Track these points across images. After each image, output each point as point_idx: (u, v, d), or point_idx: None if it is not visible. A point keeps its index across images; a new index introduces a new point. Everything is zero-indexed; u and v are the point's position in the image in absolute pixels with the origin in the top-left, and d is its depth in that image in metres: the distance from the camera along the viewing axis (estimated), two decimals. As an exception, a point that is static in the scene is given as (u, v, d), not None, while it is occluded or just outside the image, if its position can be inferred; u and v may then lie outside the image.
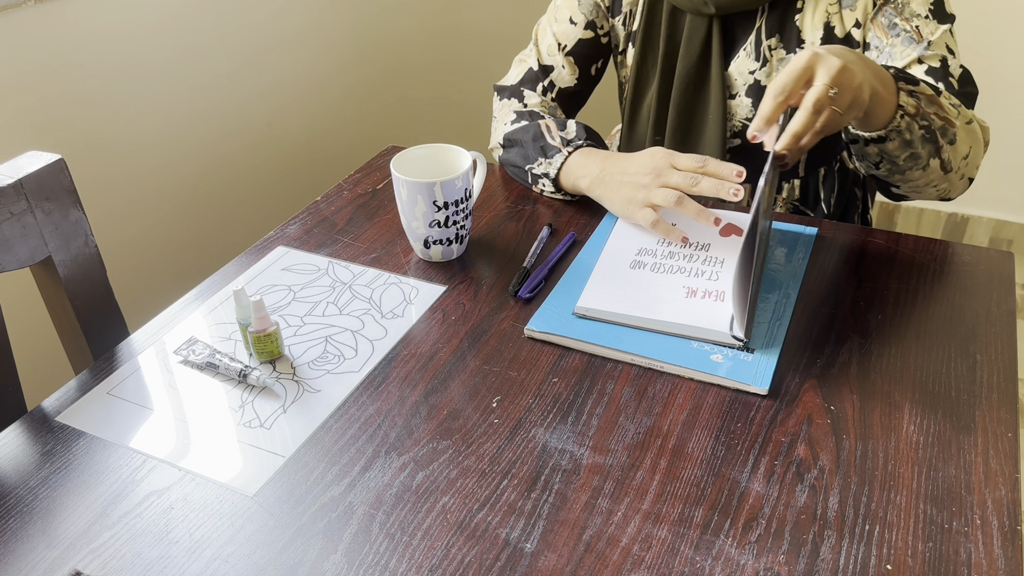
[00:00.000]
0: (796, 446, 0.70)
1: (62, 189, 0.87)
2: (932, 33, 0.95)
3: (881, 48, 0.97)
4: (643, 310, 0.83)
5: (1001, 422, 0.71)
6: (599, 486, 0.67)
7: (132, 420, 0.75)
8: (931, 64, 0.94)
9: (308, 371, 0.80)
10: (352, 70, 1.88)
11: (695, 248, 0.92)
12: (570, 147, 1.01)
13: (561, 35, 1.14)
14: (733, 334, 0.79)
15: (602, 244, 0.95)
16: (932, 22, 0.95)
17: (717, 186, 0.86)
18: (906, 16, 0.95)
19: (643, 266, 0.90)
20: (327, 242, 0.99)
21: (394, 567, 0.61)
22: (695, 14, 1.04)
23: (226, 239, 1.67)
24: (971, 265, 0.91)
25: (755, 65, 1.04)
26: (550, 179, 1.03)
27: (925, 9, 0.95)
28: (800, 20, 1.01)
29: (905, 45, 0.95)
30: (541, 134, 1.04)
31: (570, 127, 1.04)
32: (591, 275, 0.89)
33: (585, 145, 1.02)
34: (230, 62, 1.58)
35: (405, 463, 0.70)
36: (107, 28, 1.35)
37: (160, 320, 0.88)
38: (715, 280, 0.87)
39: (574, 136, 1.03)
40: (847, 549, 0.61)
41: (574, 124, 1.05)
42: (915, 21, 0.95)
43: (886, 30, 0.96)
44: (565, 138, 1.03)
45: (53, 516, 0.66)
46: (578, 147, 1.01)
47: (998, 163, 2.19)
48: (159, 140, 1.49)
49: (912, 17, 0.95)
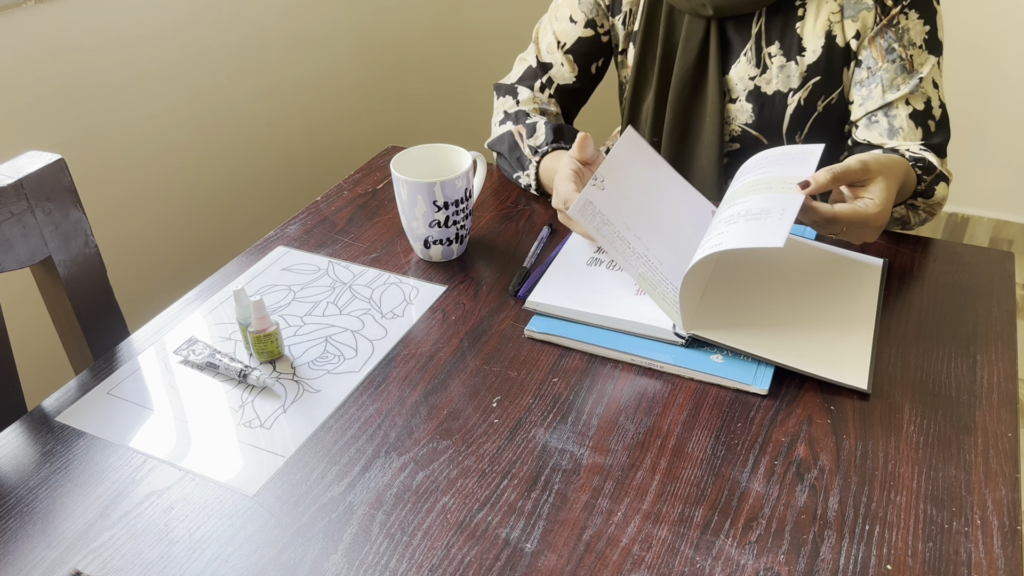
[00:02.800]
0: (796, 446, 0.70)
1: (62, 189, 0.87)
2: (922, 65, 0.97)
3: (873, 70, 0.99)
4: (592, 306, 0.83)
5: (1001, 422, 0.71)
6: (599, 486, 0.67)
7: (132, 420, 0.75)
8: (916, 107, 0.98)
9: (308, 371, 0.80)
10: (352, 70, 1.88)
11: None
12: (537, 156, 1.03)
13: (561, 33, 1.14)
14: (676, 331, 0.79)
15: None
16: (924, 52, 0.98)
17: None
18: (904, 43, 0.97)
19: (599, 263, 0.90)
20: (327, 242, 0.99)
21: (394, 567, 0.61)
22: (693, 15, 1.04)
23: (226, 239, 1.67)
24: (971, 265, 0.91)
25: (755, 71, 1.04)
26: (533, 189, 1.05)
27: (920, 39, 0.98)
28: (801, 28, 1.01)
29: (897, 72, 0.98)
30: (515, 143, 1.06)
31: (538, 131, 1.05)
32: (547, 271, 0.89)
33: (551, 150, 1.03)
34: (230, 62, 1.58)
35: (405, 463, 0.70)
36: (107, 28, 1.35)
37: (160, 320, 0.88)
38: None
39: (541, 142, 1.04)
40: (847, 549, 0.61)
41: (543, 127, 1.06)
42: (911, 50, 0.97)
43: (884, 53, 0.98)
44: (532, 146, 1.04)
45: (53, 516, 0.66)
46: (544, 153, 1.03)
47: (998, 163, 2.19)
48: (159, 140, 1.49)
49: (909, 45, 0.97)
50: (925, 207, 0.96)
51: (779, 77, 1.03)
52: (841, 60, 1.01)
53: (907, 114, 0.98)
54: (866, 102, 1.00)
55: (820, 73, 1.02)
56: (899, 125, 0.98)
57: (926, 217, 0.98)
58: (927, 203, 0.95)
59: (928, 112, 0.98)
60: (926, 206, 0.96)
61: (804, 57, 1.01)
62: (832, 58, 1.01)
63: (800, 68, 1.02)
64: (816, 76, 1.02)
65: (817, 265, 0.89)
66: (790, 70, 1.02)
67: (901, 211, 0.96)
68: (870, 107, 1.00)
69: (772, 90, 1.04)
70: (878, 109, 0.99)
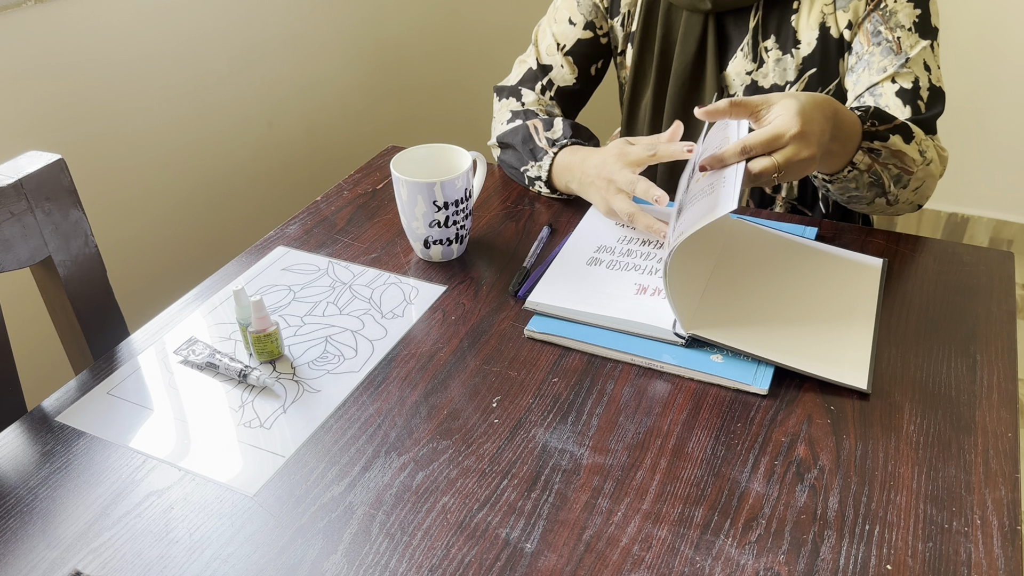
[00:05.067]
0: (796, 446, 0.70)
1: (62, 189, 0.87)
2: (912, 47, 0.95)
3: (861, 55, 0.98)
4: (592, 306, 0.83)
5: (1001, 422, 0.71)
6: (599, 486, 0.67)
7: (132, 420, 0.75)
8: (903, 84, 0.95)
9: (308, 371, 0.80)
10: (352, 70, 1.88)
11: (653, 247, 0.92)
12: (555, 147, 1.02)
13: (560, 35, 1.14)
14: (676, 331, 0.79)
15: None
16: (914, 35, 0.96)
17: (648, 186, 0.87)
18: (891, 26, 0.96)
19: (599, 263, 0.90)
20: (327, 242, 0.99)
21: (394, 567, 0.61)
22: (691, 11, 1.04)
23: (226, 239, 1.67)
24: (971, 265, 0.91)
25: (752, 66, 1.04)
26: (543, 182, 1.03)
27: (910, 21, 0.96)
28: (796, 21, 1.01)
29: (883, 56, 0.96)
30: (530, 136, 1.05)
31: (556, 126, 1.04)
32: (547, 271, 0.89)
33: (570, 144, 1.02)
34: (230, 62, 1.58)
35: (405, 463, 0.70)
36: (107, 28, 1.35)
37: (160, 320, 0.88)
38: None
39: (560, 135, 1.03)
40: (847, 549, 0.61)
41: (560, 122, 1.05)
42: (898, 32, 0.96)
43: (870, 37, 0.97)
44: (551, 138, 1.03)
45: (53, 516, 0.66)
46: (563, 146, 1.02)
47: (998, 163, 2.19)
48: (159, 140, 1.49)
49: (896, 28, 0.96)
50: (890, 157, 0.88)
51: (775, 71, 1.03)
52: (836, 51, 1.01)
53: (893, 91, 0.95)
54: (855, 87, 0.99)
55: (815, 65, 1.02)
56: (885, 103, 0.96)
57: (900, 174, 0.90)
58: (889, 149, 0.88)
59: (916, 91, 0.95)
60: (890, 154, 0.88)
61: (799, 50, 1.02)
62: (827, 50, 1.01)
63: (796, 61, 1.02)
64: (812, 68, 1.02)
65: (817, 265, 0.89)
66: (786, 63, 1.03)
67: (862, 159, 0.87)
68: (858, 91, 0.99)
69: (769, 84, 1.04)
70: (865, 91, 0.98)
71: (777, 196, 1.14)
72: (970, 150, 2.18)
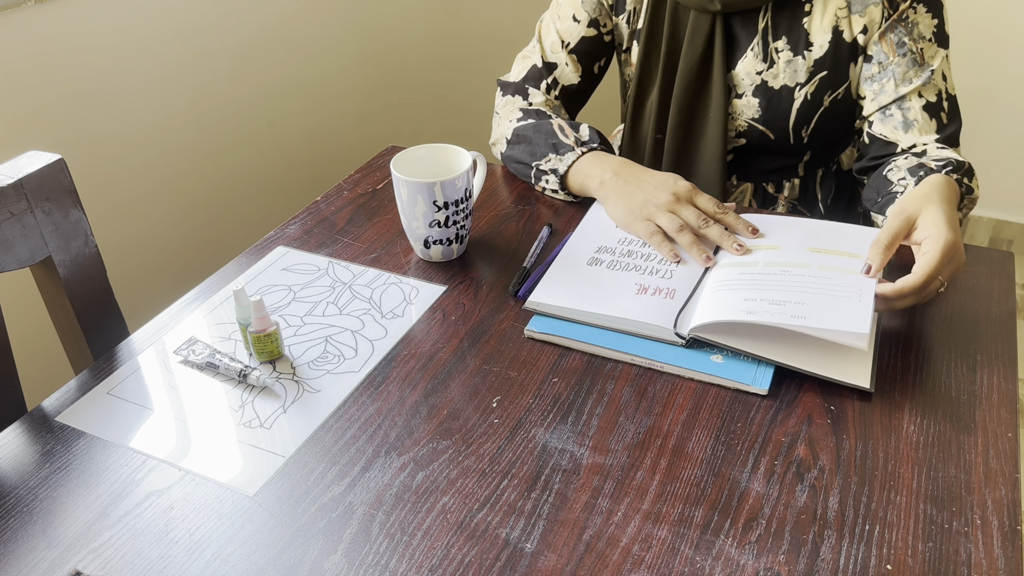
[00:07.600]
0: (796, 446, 0.70)
1: (62, 189, 0.87)
2: (933, 58, 0.99)
3: (885, 65, 1.00)
4: (592, 306, 0.83)
5: (1001, 422, 0.71)
6: (599, 486, 0.67)
7: (132, 420, 0.75)
8: (928, 99, 0.99)
9: (308, 371, 0.80)
10: (352, 70, 1.88)
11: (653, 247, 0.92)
12: (584, 148, 1.03)
13: (565, 32, 1.14)
14: (676, 331, 0.79)
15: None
16: (934, 45, 0.99)
17: (723, 235, 0.89)
18: (914, 37, 0.99)
19: (600, 263, 0.90)
20: (327, 242, 0.99)
21: (394, 567, 0.61)
22: (699, 11, 1.04)
23: (226, 239, 1.67)
24: (971, 265, 0.91)
25: (762, 66, 1.04)
26: (558, 175, 1.03)
27: (929, 32, 0.99)
28: (808, 23, 1.01)
29: (908, 66, 0.99)
30: (554, 132, 1.05)
31: (583, 130, 1.06)
32: (547, 271, 0.89)
33: (599, 149, 1.03)
34: (231, 62, 1.58)
35: (405, 463, 0.70)
36: (107, 28, 1.35)
37: (160, 320, 0.88)
38: (668, 278, 0.87)
39: (588, 139, 1.04)
40: (847, 549, 0.61)
41: (587, 128, 1.06)
42: (921, 43, 0.99)
43: (895, 47, 0.99)
44: (580, 139, 1.04)
45: (53, 516, 0.66)
46: (592, 149, 1.03)
47: (998, 163, 2.19)
48: (159, 140, 1.49)
49: (919, 39, 0.99)
50: (968, 201, 0.95)
51: (786, 72, 1.03)
52: (848, 55, 1.01)
53: (920, 106, 0.99)
54: (879, 96, 1.01)
55: (827, 68, 1.02)
56: (913, 117, 0.99)
57: (967, 211, 0.96)
58: (970, 198, 0.94)
59: (940, 104, 0.99)
60: (968, 200, 0.95)
61: (811, 52, 1.02)
62: (839, 53, 1.01)
63: (807, 63, 1.02)
64: (823, 71, 1.02)
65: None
66: (797, 65, 1.03)
67: None
68: (883, 101, 1.01)
69: (779, 84, 1.04)
70: (892, 103, 1.00)
71: (779, 196, 1.15)
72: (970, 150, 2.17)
